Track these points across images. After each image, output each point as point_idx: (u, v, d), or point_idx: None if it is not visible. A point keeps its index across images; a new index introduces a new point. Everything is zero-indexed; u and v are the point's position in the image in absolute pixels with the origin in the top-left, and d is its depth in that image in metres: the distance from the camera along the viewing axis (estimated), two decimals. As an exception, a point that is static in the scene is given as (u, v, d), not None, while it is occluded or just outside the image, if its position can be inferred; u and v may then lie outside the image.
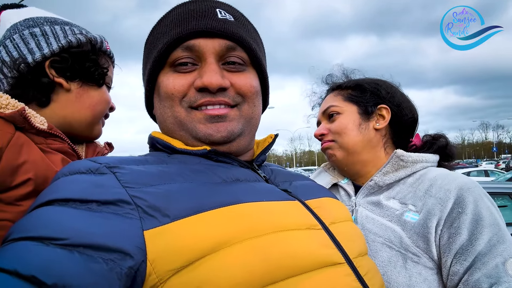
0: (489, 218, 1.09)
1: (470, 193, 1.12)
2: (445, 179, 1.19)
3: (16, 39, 1.12)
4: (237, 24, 1.03)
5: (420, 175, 1.27)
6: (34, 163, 0.96)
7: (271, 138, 1.16)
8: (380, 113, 1.39)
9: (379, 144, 1.39)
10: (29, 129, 1.01)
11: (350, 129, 1.37)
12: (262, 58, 1.09)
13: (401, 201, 1.23)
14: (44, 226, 0.64)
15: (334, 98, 1.45)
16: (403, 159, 1.28)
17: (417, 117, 1.46)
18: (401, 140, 1.42)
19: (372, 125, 1.38)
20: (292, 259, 0.73)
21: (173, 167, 0.89)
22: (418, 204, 1.18)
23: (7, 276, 0.55)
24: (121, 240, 0.64)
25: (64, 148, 1.09)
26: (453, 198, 1.12)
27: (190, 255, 0.67)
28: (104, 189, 0.73)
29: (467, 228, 1.07)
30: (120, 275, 0.61)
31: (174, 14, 1.02)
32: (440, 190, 1.16)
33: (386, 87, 1.43)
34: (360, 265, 0.85)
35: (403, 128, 1.42)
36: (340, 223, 0.96)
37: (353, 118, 1.38)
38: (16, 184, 0.92)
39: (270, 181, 1.03)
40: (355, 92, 1.43)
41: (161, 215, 0.71)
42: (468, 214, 1.09)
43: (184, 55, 0.97)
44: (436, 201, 1.14)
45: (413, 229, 1.14)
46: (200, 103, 0.96)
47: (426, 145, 1.40)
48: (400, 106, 1.40)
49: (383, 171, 1.31)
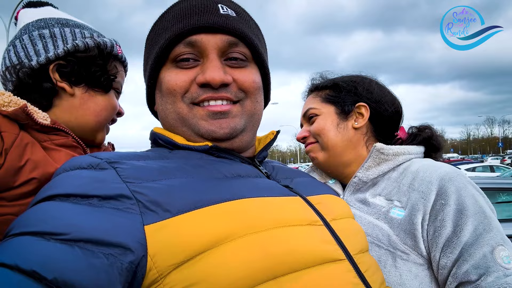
0: (473, 206, 1.05)
1: (452, 183, 1.09)
2: (427, 171, 1.15)
3: (24, 39, 1.12)
4: (239, 19, 1.02)
5: (404, 168, 1.25)
6: (37, 162, 0.96)
7: (272, 134, 1.15)
8: (359, 111, 1.36)
9: (360, 142, 1.36)
10: (33, 125, 1.01)
11: (328, 129, 1.35)
12: (264, 54, 1.09)
13: (387, 197, 1.21)
14: (45, 221, 0.64)
15: (313, 100, 1.44)
16: (383, 152, 1.27)
17: (401, 110, 1.43)
18: (384, 135, 1.39)
19: (350, 124, 1.35)
20: (293, 254, 0.73)
21: (174, 162, 0.89)
22: (403, 200, 1.16)
23: (7, 271, 0.55)
24: (122, 235, 0.65)
25: (68, 142, 1.09)
26: (435, 190, 1.09)
27: (190, 250, 0.67)
28: (105, 184, 0.74)
29: (451, 220, 1.05)
30: (121, 270, 0.61)
31: (176, 10, 1.02)
32: (422, 183, 1.13)
33: (363, 84, 1.40)
34: (361, 262, 0.85)
35: (386, 123, 1.38)
36: (341, 219, 0.96)
37: (331, 119, 1.37)
38: (18, 184, 0.93)
39: (271, 177, 1.03)
40: (333, 92, 1.41)
41: (162, 210, 0.71)
42: (451, 205, 1.06)
43: (186, 51, 0.97)
44: (419, 195, 1.12)
45: (400, 226, 1.12)
46: (202, 98, 0.96)
47: (411, 137, 1.37)
48: (379, 101, 1.37)
49: (365, 166, 1.30)
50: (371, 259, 0.95)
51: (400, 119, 1.42)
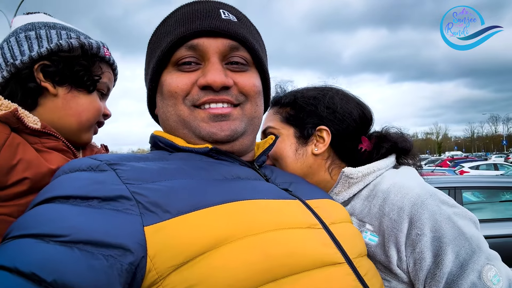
0: (451, 231, 0.98)
1: (425, 208, 1.01)
2: (398, 194, 1.07)
3: (11, 41, 1.13)
4: (240, 24, 1.03)
5: (374, 185, 1.18)
6: (30, 162, 0.97)
7: (271, 139, 1.16)
8: (320, 135, 1.27)
9: (321, 168, 1.28)
10: (23, 129, 1.01)
11: (286, 155, 1.27)
12: (264, 59, 1.10)
13: (359, 218, 1.16)
14: (44, 223, 0.65)
15: (273, 118, 1.35)
16: (352, 177, 1.20)
17: (369, 118, 1.33)
18: (348, 153, 1.29)
19: (310, 150, 1.27)
20: (293, 257, 0.73)
21: (174, 163, 0.89)
22: (375, 224, 1.09)
23: (7, 273, 0.55)
24: (122, 236, 0.65)
25: (59, 146, 1.10)
26: (407, 218, 1.02)
27: (190, 251, 0.67)
28: (104, 185, 0.74)
29: (430, 250, 0.98)
30: (120, 271, 0.61)
31: (178, 14, 1.03)
32: (393, 208, 1.05)
33: (326, 102, 1.28)
34: (360, 265, 0.85)
35: (350, 140, 1.29)
36: (340, 223, 0.96)
37: (289, 142, 1.28)
38: (11, 183, 0.93)
39: (270, 180, 1.03)
40: (293, 111, 1.31)
41: (161, 211, 0.71)
42: (427, 234, 0.98)
43: (188, 54, 0.98)
44: (390, 223, 1.04)
45: (374, 255, 1.07)
46: (203, 101, 0.96)
47: (375, 149, 1.27)
48: (342, 120, 1.26)
49: (335, 191, 1.24)
50: (370, 263, 0.96)
51: (368, 127, 1.34)
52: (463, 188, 5.27)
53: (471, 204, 5.63)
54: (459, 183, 5.37)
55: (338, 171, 1.27)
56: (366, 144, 1.29)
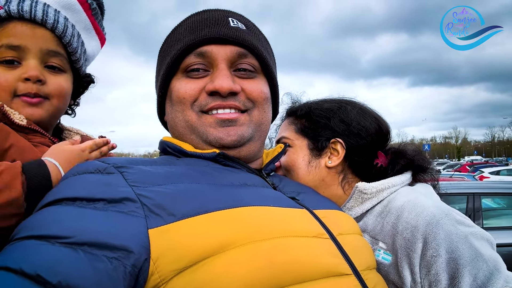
0: (468, 252, 0.94)
1: (440, 228, 0.97)
2: (412, 212, 1.04)
3: None
4: (249, 32, 1.05)
5: (388, 201, 1.15)
6: (23, 148, 0.96)
7: (280, 148, 1.15)
8: (334, 147, 1.24)
9: (334, 182, 1.25)
10: (10, 124, 1.00)
11: (298, 167, 1.25)
12: (272, 66, 1.11)
13: (371, 235, 1.13)
14: (50, 225, 0.66)
15: (288, 128, 1.34)
16: (366, 192, 1.17)
17: (385, 132, 1.30)
18: (363, 168, 1.26)
19: (323, 163, 1.24)
20: (298, 265, 0.72)
21: (181, 168, 0.90)
22: (388, 242, 1.06)
23: (12, 275, 0.56)
24: (125, 238, 0.65)
25: (45, 142, 1.07)
26: (421, 238, 0.98)
27: (194, 255, 0.67)
28: (110, 187, 0.75)
29: (446, 272, 0.94)
30: (124, 274, 0.61)
31: (188, 23, 1.05)
32: (406, 227, 1.02)
33: (341, 115, 1.26)
34: (368, 278, 0.83)
35: (364, 155, 1.25)
36: (348, 235, 0.94)
37: (302, 154, 1.26)
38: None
39: (278, 189, 1.02)
40: (308, 123, 1.29)
41: (166, 214, 0.71)
42: (442, 255, 0.95)
43: (197, 61, 1.00)
44: (404, 242, 1.01)
45: (387, 274, 1.04)
46: (211, 106, 0.98)
47: (391, 164, 1.24)
48: (357, 134, 1.23)
49: (348, 206, 1.21)
50: (378, 277, 0.93)
51: (385, 142, 1.31)
52: (482, 194, 5.15)
53: (490, 211, 5.49)
54: (479, 189, 5.25)
55: (351, 186, 1.24)
56: (382, 160, 1.26)
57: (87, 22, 1.26)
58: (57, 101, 1.14)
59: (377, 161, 1.25)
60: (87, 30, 1.27)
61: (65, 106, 1.22)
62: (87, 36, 1.28)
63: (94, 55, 1.37)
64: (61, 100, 1.15)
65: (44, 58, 1.10)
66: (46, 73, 1.11)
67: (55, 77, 1.13)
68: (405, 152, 1.27)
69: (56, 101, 1.13)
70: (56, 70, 1.14)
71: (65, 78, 1.17)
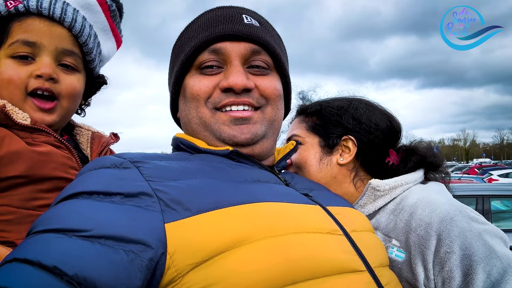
0: (482, 249, 0.94)
1: (453, 225, 0.97)
2: (425, 209, 1.04)
3: None
4: (263, 29, 1.05)
5: (401, 199, 1.15)
6: (17, 153, 0.96)
7: (292, 145, 1.16)
8: (345, 145, 1.24)
9: (346, 179, 1.25)
10: (12, 125, 0.99)
11: (309, 164, 1.25)
12: (285, 64, 1.11)
13: (384, 232, 1.13)
14: (67, 218, 0.67)
15: (298, 126, 1.34)
16: (379, 189, 1.17)
17: (397, 129, 1.30)
18: (375, 165, 1.26)
19: (335, 160, 1.24)
20: (313, 261, 0.73)
21: (195, 163, 0.91)
22: (402, 239, 1.06)
23: (29, 267, 0.57)
24: (143, 232, 0.66)
25: (50, 141, 1.06)
26: (435, 235, 0.98)
27: (209, 249, 0.67)
28: (127, 182, 0.76)
29: (460, 269, 0.94)
30: (140, 267, 0.62)
31: (202, 20, 1.06)
32: (420, 224, 1.02)
33: (353, 111, 1.26)
34: (382, 275, 0.83)
35: (376, 152, 1.25)
36: (361, 232, 0.94)
37: (314, 151, 1.26)
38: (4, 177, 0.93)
39: (290, 185, 1.03)
40: (319, 120, 1.29)
41: (182, 208, 0.72)
42: (456, 252, 0.95)
43: (211, 58, 1.00)
44: (417, 239, 1.01)
45: (400, 271, 1.04)
46: (225, 103, 0.99)
47: (403, 162, 1.24)
48: (369, 130, 1.23)
49: (360, 203, 1.21)
50: (392, 274, 0.93)
51: (396, 140, 1.31)
52: (492, 196, 5.12)
53: (500, 213, 5.45)
54: (488, 191, 5.22)
55: (363, 183, 1.25)
56: (393, 158, 1.26)
57: (105, 23, 1.26)
58: (67, 102, 1.14)
59: (389, 159, 1.26)
60: (105, 31, 1.28)
61: (75, 106, 1.22)
62: (104, 37, 1.29)
63: (109, 56, 1.38)
64: (71, 101, 1.16)
65: (58, 56, 1.11)
66: (59, 72, 1.11)
67: (68, 76, 1.13)
68: (417, 149, 1.27)
69: (67, 101, 1.14)
70: (69, 69, 1.14)
71: (77, 77, 1.17)
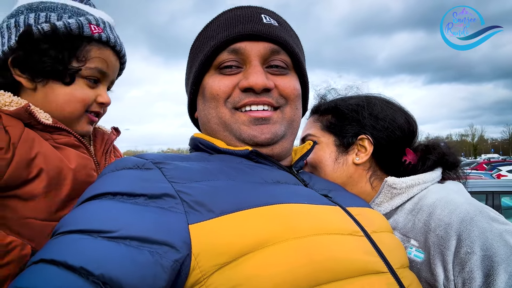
0: (503, 249, 0.92)
1: (474, 225, 0.95)
2: (445, 209, 1.02)
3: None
4: (281, 29, 1.05)
5: (419, 198, 1.13)
6: (46, 155, 0.97)
7: (309, 145, 1.16)
8: (361, 144, 1.22)
9: (362, 179, 1.23)
10: (35, 124, 1.01)
11: (325, 163, 1.24)
12: (304, 63, 1.11)
13: (402, 232, 1.11)
14: (92, 219, 0.67)
15: (313, 125, 1.33)
16: (395, 187, 1.15)
17: (413, 128, 1.27)
18: (391, 164, 1.24)
19: (351, 159, 1.22)
20: (336, 262, 0.72)
21: (215, 164, 0.91)
22: (420, 239, 1.05)
23: (55, 268, 0.58)
24: (168, 233, 0.67)
25: (71, 141, 1.09)
26: (455, 235, 0.97)
27: (234, 251, 0.68)
28: (150, 183, 0.76)
29: (481, 270, 0.92)
30: (166, 268, 0.63)
31: (221, 20, 1.06)
32: (439, 224, 1.01)
33: (370, 109, 1.24)
34: (404, 276, 0.83)
35: (393, 150, 1.23)
36: (381, 233, 0.94)
37: (329, 151, 1.25)
38: (32, 176, 0.94)
39: (309, 186, 1.02)
40: (334, 119, 1.27)
41: (205, 210, 0.72)
42: (477, 252, 0.93)
43: (230, 58, 1.01)
44: (436, 240, 1.00)
45: (419, 272, 1.03)
46: (244, 103, 0.99)
47: (421, 161, 1.22)
48: (386, 128, 1.21)
49: (376, 201, 1.19)
50: (412, 275, 0.92)
51: (413, 138, 1.28)
52: (501, 192, 5.04)
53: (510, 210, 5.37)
54: (497, 187, 5.13)
55: (379, 182, 1.23)
56: (410, 157, 1.23)
57: None
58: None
59: (406, 158, 1.23)
60: None
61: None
62: None
63: None
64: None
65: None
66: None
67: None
68: (436, 148, 1.25)
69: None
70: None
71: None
